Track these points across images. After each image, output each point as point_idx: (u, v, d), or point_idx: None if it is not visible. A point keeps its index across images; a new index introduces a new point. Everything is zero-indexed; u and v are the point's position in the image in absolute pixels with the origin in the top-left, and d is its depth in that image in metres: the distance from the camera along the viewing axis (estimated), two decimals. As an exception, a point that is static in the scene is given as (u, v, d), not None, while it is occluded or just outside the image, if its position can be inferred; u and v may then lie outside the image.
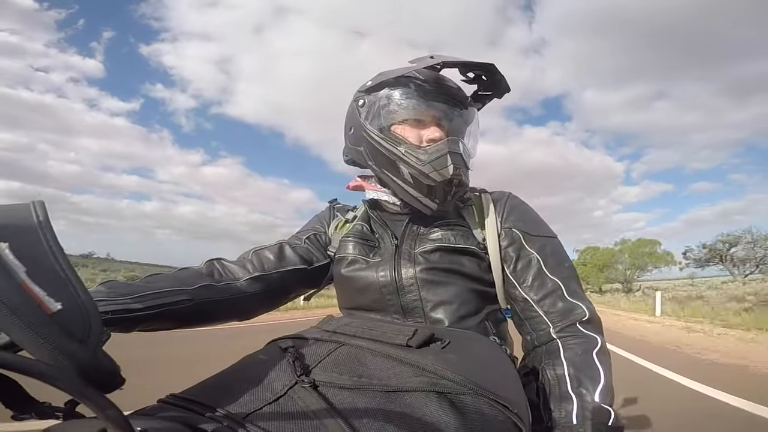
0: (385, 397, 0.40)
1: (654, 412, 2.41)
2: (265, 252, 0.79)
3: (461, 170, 0.67)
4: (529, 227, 0.72)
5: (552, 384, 0.59)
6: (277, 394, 0.39)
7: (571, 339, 0.62)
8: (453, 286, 0.67)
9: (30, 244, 0.27)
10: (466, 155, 0.69)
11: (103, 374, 0.27)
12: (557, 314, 0.65)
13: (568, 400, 0.55)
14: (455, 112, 0.71)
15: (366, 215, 0.79)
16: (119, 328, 0.56)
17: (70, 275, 0.28)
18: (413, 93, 0.69)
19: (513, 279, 0.69)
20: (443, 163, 0.65)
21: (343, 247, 0.76)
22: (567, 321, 0.64)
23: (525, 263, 0.69)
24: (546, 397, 0.58)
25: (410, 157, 0.66)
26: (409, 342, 0.47)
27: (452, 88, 0.72)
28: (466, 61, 0.69)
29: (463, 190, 0.70)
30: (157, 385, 0.69)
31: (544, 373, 0.61)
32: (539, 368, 0.62)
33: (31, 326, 0.24)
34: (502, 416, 0.41)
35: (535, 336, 0.66)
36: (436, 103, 0.70)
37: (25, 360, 0.23)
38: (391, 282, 0.68)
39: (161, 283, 0.63)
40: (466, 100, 0.74)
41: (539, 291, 0.67)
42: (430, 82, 0.70)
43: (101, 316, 0.30)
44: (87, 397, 0.24)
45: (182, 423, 0.34)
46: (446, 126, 0.70)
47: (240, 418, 0.36)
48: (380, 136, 0.69)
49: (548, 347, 0.63)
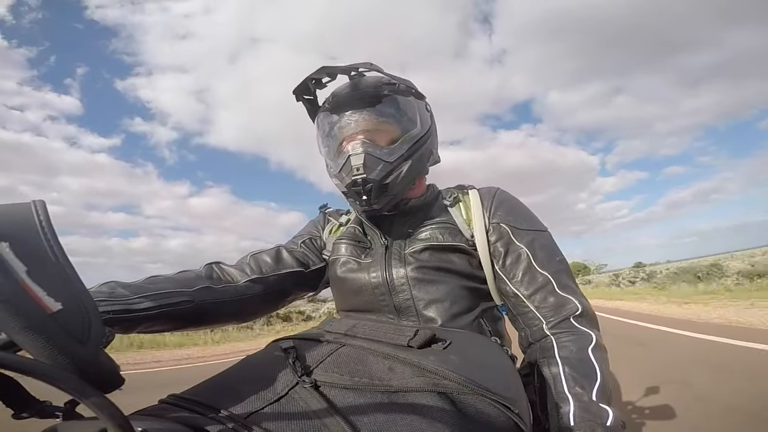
0: (387, 397, 0.40)
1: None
2: (262, 256, 0.80)
3: (363, 168, 0.66)
4: (517, 221, 0.71)
5: (548, 383, 0.57)
6: (278, 395, 0.39)
7: (564, 336, 0.61)
8: (444, 284, 0.67)
9: (31, 243, 0.27)
10: (375, 150, 0.67)
11: (103, 374, 0.27)
12: (549, 309, 0.64)
13: (564, 401, 0.54)
14: (361, 114, 0.69)
15: (358, 218, 0.80)
16: (120, 328, 0.56)
17: (70, 275, 0.28)
18: (326, 114, 0.73)
19: (503, 274, 0.68)
20: (347, 168, 0.67)
21: (336, 249, 0.77)
22: (559, 316, 0.62)
23: (514, 258, 0.68)
24: (543, 397, 0.57)
25: (332, 171, 0.72)
26: (410, 342, 0.47)
27: (361, 90, 0.71)
28: (334, 67, 0.70)
29: (378, 185, 0.67)
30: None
31: (539, 371, 0.60)
32: (535, 366, 0.61)
33: (31, 326, 0.24)
34: (504, 416, 0.41)
35: (529, 332, 0.65)
36: (342, 114, 0.70)
37: (25, 360, 0.23)
38: (382, 282, 0.68)
39: (162, 284, 0.63)
40: (380, 93, 0.70)
41: (530, 286, 0.66)
42: (339, 95, 0.72)
43: (102, 317, 0.30)
44: (87, 397, 0.23)
45: (183, 423, 0.34)
46: (352, 132, 0.69)
47: (241, 418, 0.36)
48: (324, 158, 0.75)
49: (542, 344, 0.62)
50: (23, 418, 0.32)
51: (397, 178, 0.68)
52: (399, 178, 0.69)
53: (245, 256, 0.80)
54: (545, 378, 0.58)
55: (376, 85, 0.71)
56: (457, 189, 0.80)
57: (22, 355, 0.24)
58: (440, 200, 0.77)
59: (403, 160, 0.69)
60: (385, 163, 0.67)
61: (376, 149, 0.68)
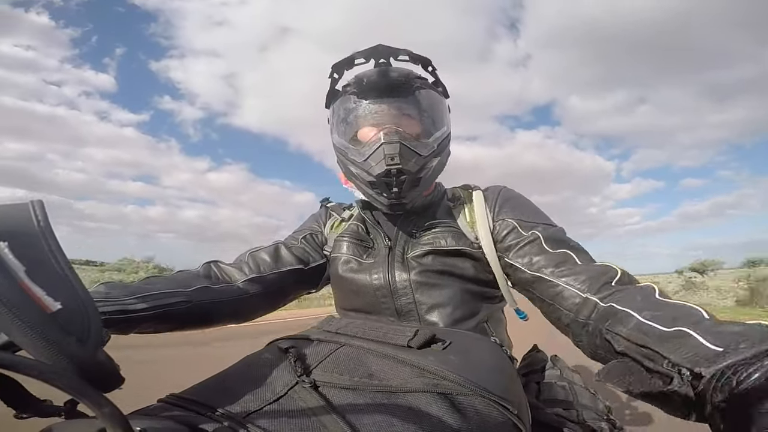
0: (386, 397, 0.40)
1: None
2: (261, 253, 0.79)
3: (398, 158, 0.63)
4: (524, 215, 0.68)
5: (628, 344, 0.41)
6: (277, 394, 0.39)
7: (618, 294, 0.48)
8: (447, 289, 0.66)
9: (29, 243, 0.27)
10: (410, 142, 0.65)
11: (102, 374, 0.27)
12: (584, 279, 0.54)
13: (669, 340, 0.37)
14: (396, 103, 0.67)
15: (361, 215, 0.78)
16: (117, 329, 0.56)
17: (69, 275, 0.28)
18: (353, 99, 0.69)
19: (517, 264, 0.63)
20: (378, 156, 0.63)
21: (338, 246, 0.76)
22: (600, 282, 0.52)
23: (525, 243, 0.63)
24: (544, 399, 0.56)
25: (355, 158, 0.67)
26: (410, 343, 0.47)
27: (393, 79, 0.68)
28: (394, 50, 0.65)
29: (412, 178, 0.65)
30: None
31: (609, 342, 0.44)
32: (598, 347, 0.47)
33: (31, 326, 0.24)
34: (503, 417, 0.41)
35: (573, 312, 0.52)
36: (374, 101, 0.67)
37: (24, 360, 0.23)
38: (384, 285, 0.68)
39: (159, 284, 0.63)
40: (413, 86, 0.69)
41: (549, 263, 0.59)
42: (369, 81, 0.68)
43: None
44: (86, 397, 0.23)
45: (182, 423, 0.34)
46: (386, 120, 0.66)
47: (240, 418, 0.36)
48: (338, 145, 0.71)
49: (597, 315, 0.48)
50: (24, 417, 0.32)
51: (428, 173, 0.67)
52: (429, 174, 0.67)
53: (243, 254, 0.79)
54: (624, 336, 0.42)
55: (408, 76, 0.69)
56: (462, 189, 0.78)
57: (22, 355, 0.24)
58: (445, 201, 0.76)
59: (434, 155, 0.67)
60: (419, 157, 0.65)
61: (411, 141, 0.66)
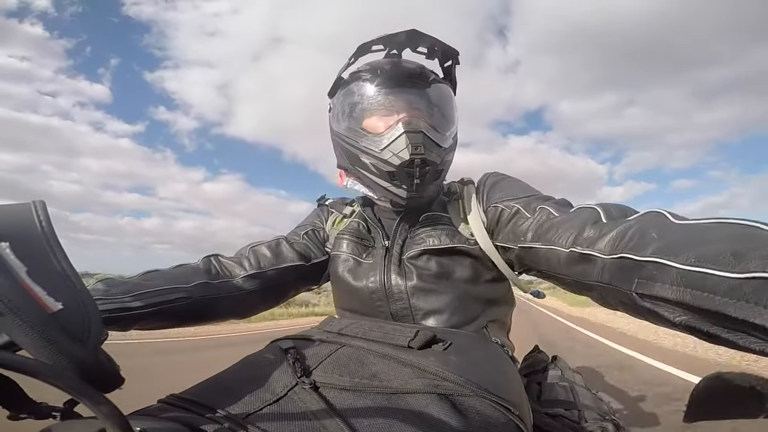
0: (386, 398, 0.40)
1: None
2: (261, 248, 0.77)
3: (422, 148, 0.61)
4: (509, 194, 0.64)
5: (683, 314, 0.33)
6: (277, 395, 0.39)
7: (622, 230, 0.41)
8: (444, 295, 0.64)
9: (30, 243, 0.27)
10: (431, 132, 0.64)
11: (102, 374, 0.27)
12: (572, 220, 0.49)
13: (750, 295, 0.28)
14: (415, 93, 0.66)
15: (362, 212, 0.77)
16: (116, 326, 0.56)
17: (70, 275, 0.28)
18: (368, 85, 0.66)
19: (507, 244, 0.60)
20: (400, 145, 0.61)
21: (338, 244, 0.75)
22: (591, 220, 0.46)
23: (509, 220, 0.60)
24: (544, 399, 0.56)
25: (370, 147, 0.64)
26: (411, 343, 0.47)
27: (410, 69, 0.67)
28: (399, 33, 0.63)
29: (434, 169, 0.63)
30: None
31: (652, 310, 0.36)
32: (627, 305, 0.40)
33: (31, 326, 0.24)
34: (504, 418, 0.41)
35: (565, 246, 0.47)
36: (392, 89, 0.65)
37: (25, 360, 0.23)
38: (380, 288, 0.66)
39: (158, 281, 0.62)
40: (429, 78, 0.68)
41: (530, 228, 0.55)
42: (385, 70, 0.66)
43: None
44: (87, 397, 0.23)
45: (182, 423, 0.33)
46: (406, 109, 0.65)
47: (240, 418, 0.35)
48: (345, 134, 0.68)
49: (608, 273, 0.41)
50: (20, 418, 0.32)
51: (446, 166, 0.66)
52: (447, 168, 0.66)
53: (245, 248, 0.78)
54: (676, 320, 0.34)
55: (423, 68, 0.68)
56: (459, 183, 0.76)
57: (22, 355, 0.23)
58: (441, 197, 0.74)
59: (450, 150, 0.66)
60: (440, 149, 0.64)
61: (433, 132, 0.64)
